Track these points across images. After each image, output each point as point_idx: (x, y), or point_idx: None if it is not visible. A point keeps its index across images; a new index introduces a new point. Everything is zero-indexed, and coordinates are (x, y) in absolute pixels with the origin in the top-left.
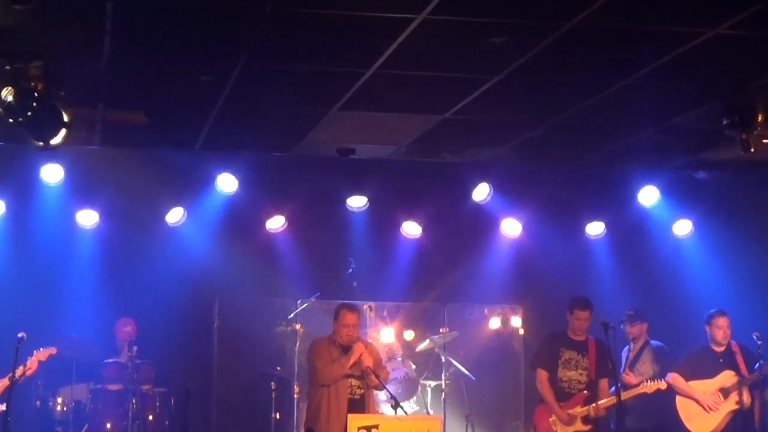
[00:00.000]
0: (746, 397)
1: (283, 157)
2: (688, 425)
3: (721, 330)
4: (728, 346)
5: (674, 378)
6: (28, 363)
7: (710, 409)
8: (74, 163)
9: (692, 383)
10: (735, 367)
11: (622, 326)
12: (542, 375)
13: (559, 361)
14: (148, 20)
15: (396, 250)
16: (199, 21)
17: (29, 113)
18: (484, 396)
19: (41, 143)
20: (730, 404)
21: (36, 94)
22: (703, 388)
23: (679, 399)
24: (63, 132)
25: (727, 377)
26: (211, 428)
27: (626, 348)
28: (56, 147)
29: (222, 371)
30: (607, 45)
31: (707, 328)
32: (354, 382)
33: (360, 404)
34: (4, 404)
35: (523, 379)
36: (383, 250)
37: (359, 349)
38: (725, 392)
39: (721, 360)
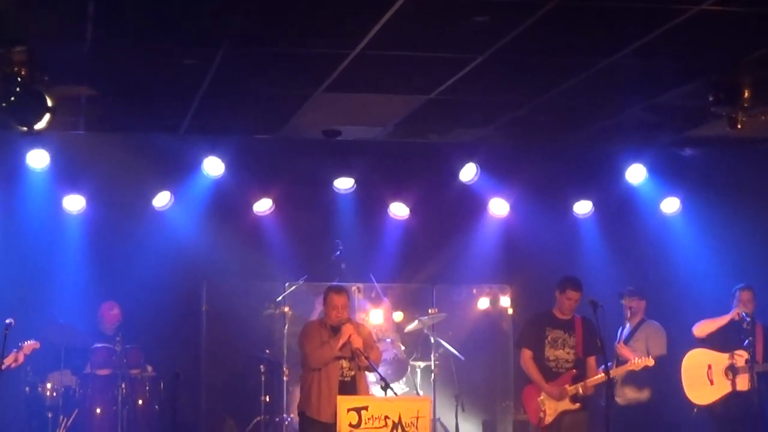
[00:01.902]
0: (746, 382)
1: (269, 139)
2: (688, 392)
3: (741, 304)
4: (754, 324)
5: (699, 325)
6: (16, 356)
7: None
8: (60, 149)
9: (706, 351)
10: (752, 349)
11: (621, 300)
12: (526, 354)
13: (546, 341)
14: (130, 4)
15: (384, 232)
16: (182, 4)
17: (12, 98)
18: (473, 376)
19: (25, 128)
20: (734, 385)
21: (19, 79)
22: (712, 360)
23: (685, 363)
24: (47, 116)
25: (740, 356)
26: (201, 412)
27: (621, 327)
28: (41, 132)
29: (210, 355)
30: (591, 23)
31: (733, 302)
32: (345, 364)
33: (351, 386)
34: None
35: (513, 358)
36: (371, 232)
37: (348, 331)
38: (734, 371)
39: (742, 336)
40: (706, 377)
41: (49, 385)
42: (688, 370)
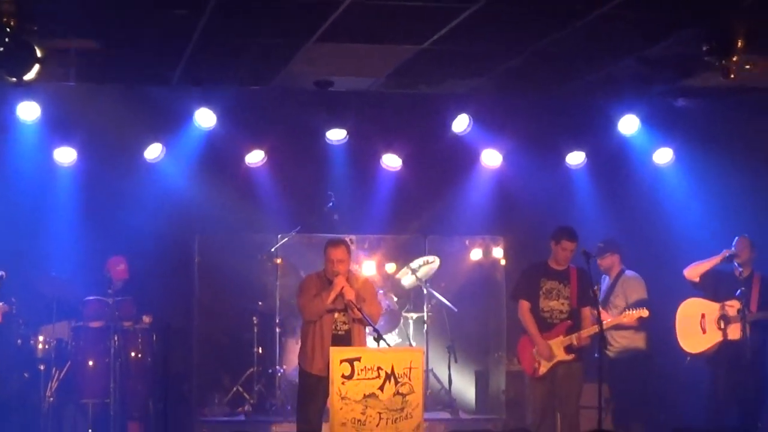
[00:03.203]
0: (737, 331)
1: (261, 90)
2: (681, 341)
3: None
4: (751, 275)
5: (690, 269)
6: None
7: (703, 331)
8: (50, 100)
9: (699, 301)
10: (746, 299)
11: (596, 259)
12: (524, 306)
13: (540, 292)
14: None
15: (376, 183)
16: None
17: (1, 49)
18: (466, 327)
19: (15, 79)
20: (725, 334)
21: (8, 30)
22: (705, 309)
23: (679, 312)
24: (36, 67)
25: (731, 306)
26: (193, 364)
27: (605, 278)
28: (30, 83)
29: (203, 307)
30: None
31: (737, 260)
32: (339, 317)
33: (345, 340)
34: None
35: (505, 309)
36: (363, 183)
37: (340, 283)
38: (726, 320)
39: (735, 286)
40: (698, 326)
41: (41, 338)
42: (682, 320)
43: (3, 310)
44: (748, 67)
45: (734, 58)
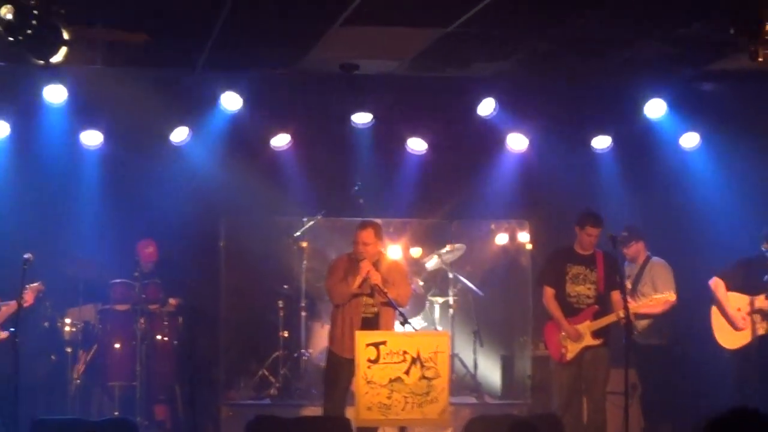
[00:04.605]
0: (764, 325)
1: (287, 74)
2: (717, 335)
3: None
4: None
5: (716, 284)
6: (24, 296)
7: (739, 328)
8: (77, 84)
9: (730, 294)
10: None
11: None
12: (548, 292)
13: (567, 277)
14: None
15: (402, 167)
16: None
17: (29, 31)
18: (491, 312)
19: (42, 62)
20: (754, 329)
21: (35, 12)
22: (737, 303)
23: (714, 306)
24: (63, 50)
25: (760, 300)
26: (219, 347)
27: (627, 264)
28: (57, 65)
29: (229, 291)
30: None
31: (764, 245)
32: (367, 300)
33: (374, 322)
34: (6, 333)
35: (531, 294)
36: (389, 167)
37: (365, 268)
38: (764, 314)
39: (761, 273)
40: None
41: (68, 321)
42: (716, 313)
43: (36, 290)
44: None
45: (762, 41)
